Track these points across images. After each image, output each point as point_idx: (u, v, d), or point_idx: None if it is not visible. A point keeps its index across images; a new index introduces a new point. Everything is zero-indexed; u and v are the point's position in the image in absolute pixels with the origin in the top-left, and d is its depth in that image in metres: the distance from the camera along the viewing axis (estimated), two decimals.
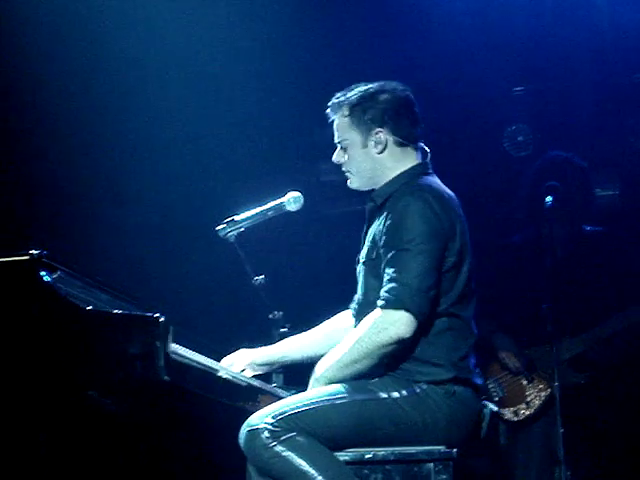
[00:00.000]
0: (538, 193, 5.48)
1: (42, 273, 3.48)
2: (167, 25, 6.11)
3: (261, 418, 3.62)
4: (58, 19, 5.96)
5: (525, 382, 5.54)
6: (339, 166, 3.96)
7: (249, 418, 3.64)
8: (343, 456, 3.66)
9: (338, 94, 3.93)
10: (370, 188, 3.90)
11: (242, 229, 4.29)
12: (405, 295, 3.59)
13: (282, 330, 4.25)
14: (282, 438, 3.57)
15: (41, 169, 6.01)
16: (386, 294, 3.62)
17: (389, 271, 3.64)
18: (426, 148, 3.94)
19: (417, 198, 3.69)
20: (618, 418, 5.47)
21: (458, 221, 3.75)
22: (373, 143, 3.83)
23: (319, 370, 3.77)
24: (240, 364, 3.98)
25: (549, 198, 5.27)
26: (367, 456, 3.67)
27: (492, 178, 6.38)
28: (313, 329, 4.12)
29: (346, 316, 4.03)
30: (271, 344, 4.17)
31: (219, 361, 4.01)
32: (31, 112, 5.98)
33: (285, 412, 3.61)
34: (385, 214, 3.75)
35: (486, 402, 3.82)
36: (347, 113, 3.86)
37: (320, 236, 3.93)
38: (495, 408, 3.85)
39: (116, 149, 6.12)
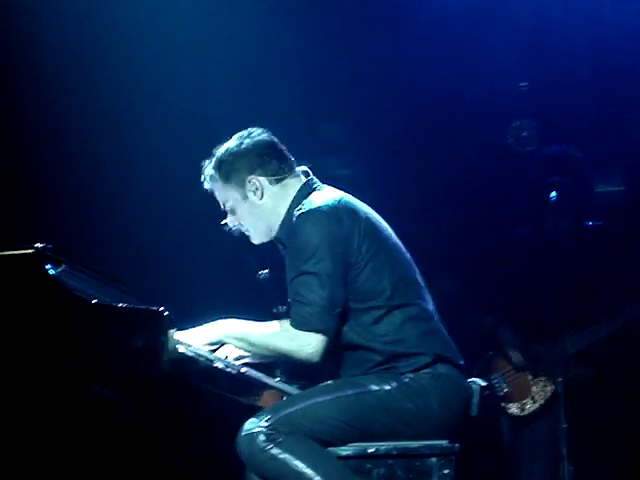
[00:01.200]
0: (538, 188, 5.50)
1: (47, 266, 3.49)
2: (166, 21, 6.10)
3: (256, 422, 3.63)
4: (56, 15, 5.97)
5: (531, 377, 5.54)
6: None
7: (244, 423, 3.66)
8: (345, 451, 3.67)
9: (205, 165, 4.01)
10: (271, 237, 3.95)
11: None
12: (313, 316, 3.66)
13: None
14: (278, 440, 3.59)
15: (44, 163, 6.01)
16: (296, 315, 3.70)
17: (295, 293, 3.72)
18: (305, 168, 3.99)
19: (302, 220, 3.75)
20: (622, 413, 5.48)
21: (356, 219, 3.78)
22: (252, 193, 3.90)
23: (230, 328, 3.82)
24: (236, 353, 3.97)
25: (554, 194, 5.27)
26: (370, 450, 3.68)
27: (497, 174, 6.38)
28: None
29: None
30: None
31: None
32: (32, 107, 5.98)
33: (280, 414, 3.64)
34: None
35: (473, 379, 3.84)
36: (217, 177, 3.95)
37: None
38: (483, 383, 3.86)
39: (120, 142, 6.11)
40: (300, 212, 3.78)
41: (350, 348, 3.79)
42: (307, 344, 3.68)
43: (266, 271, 4.30)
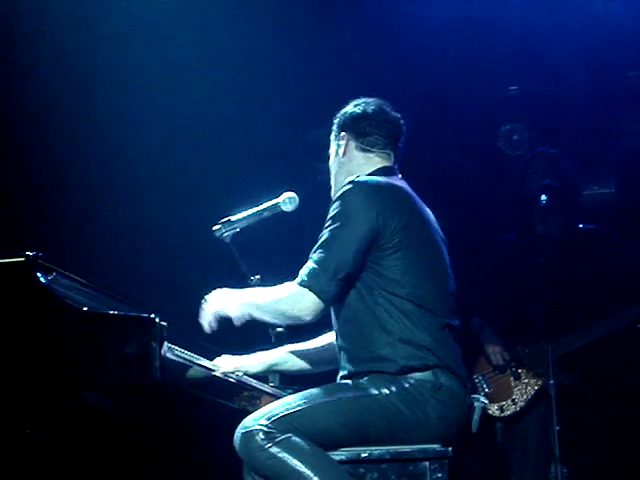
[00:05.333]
0: (525, 191, 5.53)
1: (38, 274, 3.49)
2: (165, 25, 6.11)
3: (255, 420, 3.62)
4: (55, 18, 5.97)
5: (512, 378, 5.54)
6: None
7: (243, 420, 3.65)
8: (339, 455, 3.66)
9: None
10: None
11: (238, 229, 4.30)
12: (313, 275, 3.71)
13: (278, 330, 4.26)
14: (277, 439, 3.58)
15: (36, 170, 6.01)
16: (302, 271, 3.75)
17: (312, 252, 3.78)
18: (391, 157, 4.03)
19: (349, 185, 3.79)
20: (614, 415, 5.48)
21: (400, 209, 3.79)
22: (338, 147, 4.02)
23: (238, 295, 3.88)
24: (231, 365, 3.96)
25: (544, 197, 5.28)
26: (363, 455, 3.67)
27: (487, 177, 6.39)
28: (311, 341, 4.13)
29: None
30: (267, 344, 4.18)
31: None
32: (27, 113, 5.98)
33: (279, 413, 3.63)
34: None
35: (476, 396, 3.83)
36: (332, 129, 4.08)
37: (315, 236, 3.97)
38: (486, 401, 3.86)
39: (111, 150, 6.12)
40: (352, 179, 3.82)
41: (357, 335, 3.78)
42: (299, 300, 3.71)
43: (258, 277, 4.30)
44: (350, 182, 3.81)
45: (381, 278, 3.74)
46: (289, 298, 3.75)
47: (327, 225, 3.77)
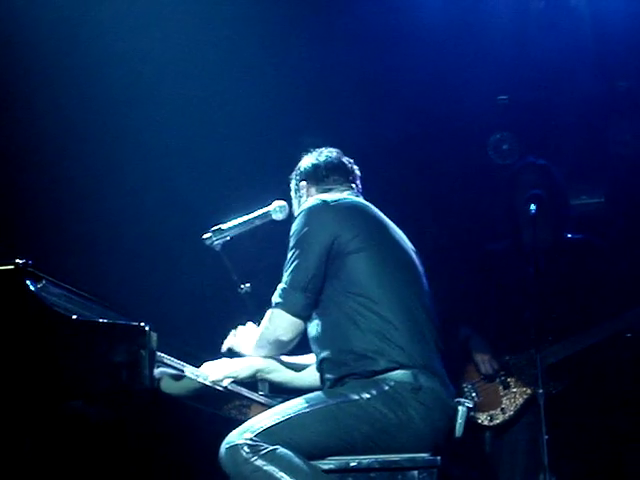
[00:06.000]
0: (514, 200, 5.55)
1: (28, 282, 3.49)
2: (156, 34, 6.11)
3: (240, 434, 3.64)
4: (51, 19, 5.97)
5: (501, 387, 5.54)
6: None
7: (227, 436, 3.66)
8: (328, 464, 3.67)
9: None
10: None
11: (228, 237, 4.32)
12: (283, 295, 3.85)
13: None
14: (262, 452, 3.59)
15: (26, 177, 6.00)
16: (274, 295, 3.89)
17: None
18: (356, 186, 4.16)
19: (302, 210, 3.94)
20: (602, 424, 5.49)
21: (352, 216, 3.90)
22: (300, 197, 4.17)
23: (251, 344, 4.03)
24: (220, 372, 3.97)
25: (533, 207, 5.29)
26: (352, 464, 3.68)
27: (477, 186, 6.40)
28: (301, 357, 4.15)
29: None
30: None
31: None
32: (15, 118, 5.97)
33: (263, 426, 3.65)
34: None
35: (460, 399, 3.83)
36: (290, 187, 4.25)
37: None
38: (470, 405, 3.86)
39: (103, 158, 6.11)
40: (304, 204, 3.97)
41: (336, 339, 3.82)
42: (274, 322, 3.86)
43: (248, 285, 4.31)
44: (303, 207, 3.94)
45: (349, 284, 3.81)
46: (269, 323, 3.88)
47: (290, 245, 3.88)
